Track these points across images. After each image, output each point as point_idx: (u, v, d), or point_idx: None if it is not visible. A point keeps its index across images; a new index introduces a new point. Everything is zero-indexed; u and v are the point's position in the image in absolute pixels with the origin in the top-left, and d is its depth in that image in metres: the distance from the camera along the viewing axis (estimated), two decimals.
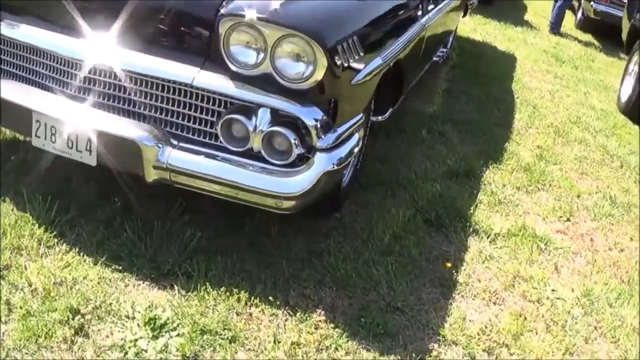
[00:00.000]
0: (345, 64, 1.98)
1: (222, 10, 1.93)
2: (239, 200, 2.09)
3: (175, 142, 2.06)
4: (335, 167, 2.02)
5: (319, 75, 1.89)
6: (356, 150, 2.17)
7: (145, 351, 1.85)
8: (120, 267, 2.17)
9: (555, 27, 8.29)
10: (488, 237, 2.84)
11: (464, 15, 5.49)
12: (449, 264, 2.54)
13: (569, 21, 9.25)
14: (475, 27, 7.45)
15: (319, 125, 1.95)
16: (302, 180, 1.97)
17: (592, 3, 7.97)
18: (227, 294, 2.11)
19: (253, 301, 2.11)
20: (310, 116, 1.94)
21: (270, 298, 2.13)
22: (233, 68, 1.96)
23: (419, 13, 3.04)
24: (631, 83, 5.13)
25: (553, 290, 2.56)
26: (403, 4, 2.74)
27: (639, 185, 3.76)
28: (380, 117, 2.94)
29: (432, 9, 3.40)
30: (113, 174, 2.31)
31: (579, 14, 9.10)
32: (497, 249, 2.78)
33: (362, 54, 2.10)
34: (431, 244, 2.69)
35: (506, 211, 3.13)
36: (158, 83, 2.05)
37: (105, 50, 2.09)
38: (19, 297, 1.99)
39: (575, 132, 4.47)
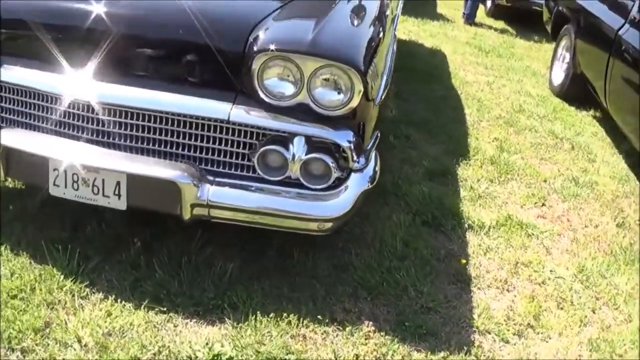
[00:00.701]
0: (374, 87, 2.21)
1: (255, 47, 2.08)
2: (278, 228, 2.27)
3: (211, 178, 2.19)
4: (370, 186, 2.24)
5: (356, 101, 2.10)
6: (378, 167, 2.39)
7: None
8: (164, 309, 2.28)
9: (470, 17, 8.91)
10: (482, 230, 3.16)
11: None
12: (463, 261, 2.83)
13: (479, 10, 9.92)
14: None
15: (353, 147, 2.16)
16: (343, 202, 2.18)
17: None
18: (277, 319, 2.28)
19: (303, 322, 2.29)
20: (345, 140, 2.15)
21: (319, 317, 2.32)
22: (268, 100, 2.12)
23: (393, 25, 3.32)
24: (561, 67, 5.70)
25: (551, 271, 2.91)
26: (385, 18, 3.00)
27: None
28: None
29: (396, 18, 3.70)
30: (124, 214, 2.40)
31: (489, 3, 9.81)
32: (492, 240, 3.10)
33: (378, 75, 2.34)
34: (436, 244, 2.97)
35: (488, 204, 3.48)
36: (191, 121, 2.18)
37: (131, 92, 2.20)
38: (73, 354, 2.06)
39: (522, 121, 4.93)
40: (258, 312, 2.29)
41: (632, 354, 2.40)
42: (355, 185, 2.21)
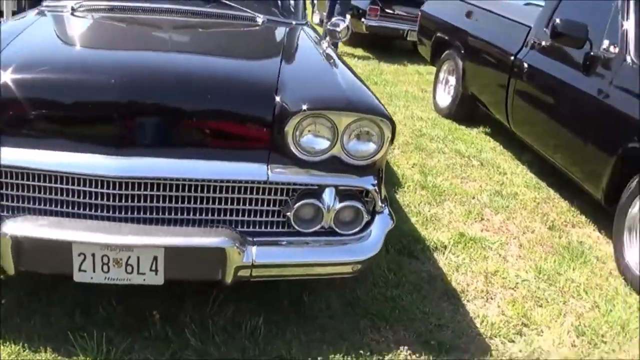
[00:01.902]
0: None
1: (288, 109, 2.37)
2: (316, 276, 2.60)
3: (250, 239, 2.46)
4: (392, 224, 2.65)
5: (385, 149, 2.50)
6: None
7: None
8: None
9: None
10: (446, 250, 3.70)
11: None
12: (450, 279, 3.33)
13: None
14: None
15: (377, 191, 2.56)
16: (374, 243, 2.56)
17: (362, 20, 9.55)
18: None
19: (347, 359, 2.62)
20: (370, 184, 2.54)
21: (360, 351, 2.66)
22: (301, 157, 2.42)
23: None
24: (445, 90, 6.55)
25: (516, 275, 3.52)
26: None
27: None
28: None
29: None
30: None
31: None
32: (457, 257, 3.65)
33: None
34: (416, 268, 3.45)
35: (437, 225, 4.04)
36: (227, 186, 2.40)
37: (159, 164, 2.35)
38: None
39: (428, 144, 5.63)
40: (309, 359, 2.57)
41: (611, 333, 3.04)
42: (381, 226, 2.60)
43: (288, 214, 2.48)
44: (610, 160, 3.72)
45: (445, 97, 6.57)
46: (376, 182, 2.56)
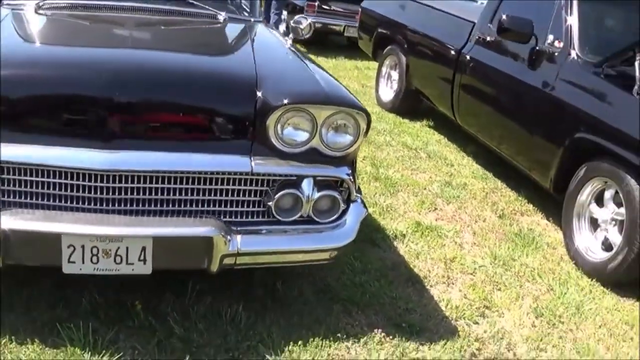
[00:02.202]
0: None
1: (269, 103, 2.51)
2: (296, 263, 2.74)
3: (235, 228, 2.57)
4: (366, 212, 2.82)
5: (360, 141, 2.66)
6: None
7: None
8: None
9: None
10: (404, 238, 3.90)
11: None
12: (412, 265, 3.53)
13: None
14: None
15: (352, 180, 2.72)
16: (349, 230, 2.72)
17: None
18: (304, 345, 2.71)
19: (325, 343, 2.77)
20: (345, 174, 2.69)
21: (338, 335, 2.81)
22: (282, 148, 2.56)
23: None
24: (388, 85, 6.79)
25: (473, 262, 3.76)
26: None
27: None
28: None
29: None
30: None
31: (282, 28, 10.80)
32: (416, 245, 3.86)
33: None
34: (379, 256, 3.64)
35: (394, 215, 4.25)
36: (211, 177, 2.50)
37: (148, 157, 2.44)
38: None
39: (376, 137, 5.84)
40: (290, 343, 2.70)
41: (567, 314, 3.31)
42: (356, 214, 2.76)
43: (269, 203, 2.61)
44: (558, 150, 4.02)
45: (388, 92, 6.81)
46: (350, 172, 2.72)
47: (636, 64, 3.70)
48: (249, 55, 2.98)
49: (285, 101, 2.53)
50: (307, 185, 2.62)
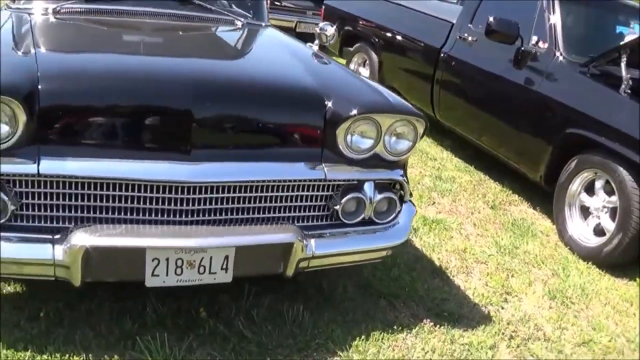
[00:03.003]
0: None
1: (340, 114, 2.69)
2: (360, 262, 2.96)
3: (307, 233, 2.76)
4: (416, 211, 3.07)
5: (416, 145, 2.91)
6: None
7: None
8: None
9: None
10: (417, 233, 4.19)
11: None
12: (431, 258, 3.82)
13: None
14: None
15: (406, 182, 2.97)
16: (404, 228, 2.97)
17: None
18: (367, 340, 2.94)
19: (383, 336, 3.01)
20: (402, 177, 2.94)
21: (394, 327, 3.07)
22: (350, 155, 2.76)
23: None
24: None
25: (482, 251, 4.10)
26: None
27: None
28: None
29: None
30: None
31: None
32: (429, 239, 4.16)
33: None
34: (403, 250, 3.90)
35: None
36: (288, 185, 2.68)
37: (229, 168, 2.58)
38: None
39: None
40: (354, 338, 2.92)
41: (576, 295, 3.69)
42: (409, 213, 3.01)
43: (336, 207, 2.81)
44: (548, 146, 4.41)
45: None
46: (404, 173, 2.97)
47: (622, 64, 4.12)
48: (300, 64, 3.19)
49: (355, 111, 2.72)
50: (369, 189, 2.84)
